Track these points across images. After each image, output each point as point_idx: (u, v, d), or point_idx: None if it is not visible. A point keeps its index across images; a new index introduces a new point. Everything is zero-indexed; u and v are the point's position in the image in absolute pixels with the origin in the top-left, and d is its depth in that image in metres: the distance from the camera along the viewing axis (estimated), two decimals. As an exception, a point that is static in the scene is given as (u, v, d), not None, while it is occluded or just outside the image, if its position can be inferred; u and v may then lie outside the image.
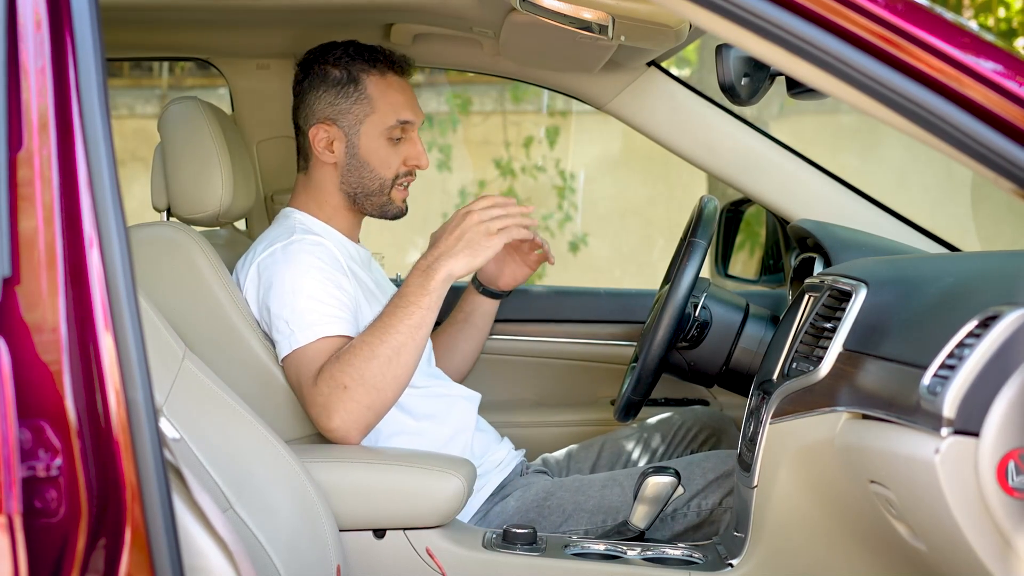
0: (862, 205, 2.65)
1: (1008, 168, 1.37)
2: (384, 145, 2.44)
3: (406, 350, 2.19)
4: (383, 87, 2.44)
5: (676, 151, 2.74)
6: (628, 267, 7.85)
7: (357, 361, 2.18)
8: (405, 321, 2.20)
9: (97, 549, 1.29)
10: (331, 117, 2.45)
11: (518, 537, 2.16)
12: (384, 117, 2.43)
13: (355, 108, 2.44)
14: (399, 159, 2.46)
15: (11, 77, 1.30)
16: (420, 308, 2.21)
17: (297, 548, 1.97)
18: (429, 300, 2.21)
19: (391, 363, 2.18)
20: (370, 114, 2.43)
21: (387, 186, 2.46)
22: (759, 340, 2.49)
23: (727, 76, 1.82)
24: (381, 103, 2.44)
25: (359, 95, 2.43)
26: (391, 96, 2.44)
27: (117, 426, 1.29)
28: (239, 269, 2.39)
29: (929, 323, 1.64)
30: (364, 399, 2.18)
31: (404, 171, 2.47)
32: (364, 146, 2.44)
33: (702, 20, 1.42)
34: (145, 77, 8.02)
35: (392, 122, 2.43)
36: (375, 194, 2.46)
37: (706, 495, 2.34)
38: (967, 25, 1.45)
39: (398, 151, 2.45)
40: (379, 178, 2.45)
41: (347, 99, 2.44)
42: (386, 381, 2.18)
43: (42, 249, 1.30)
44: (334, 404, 2.17)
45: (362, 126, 2.44)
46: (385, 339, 2.19)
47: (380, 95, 2.44)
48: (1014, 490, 1.40)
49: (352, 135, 2.44)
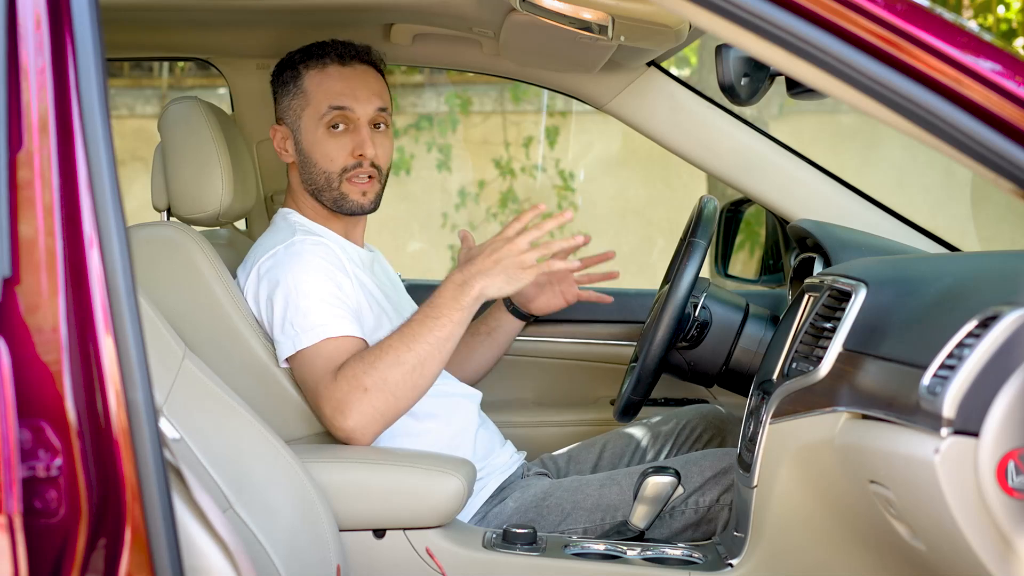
0: (862, 205, 2.64)
1: (1008, 168, 1.37)
2: (324, 137, 2.40)
3: (431, 361, 2.19)
4: (320, 78, 2.42)
5: (676, 151, 2.74)
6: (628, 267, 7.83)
7: (382, 366, 2.17)
8: (435, 332, 2.20)
9: (97, 549, 1.29)
10: (280, 116, 2.47)
11: (518, 537, 2.16)
12: (318, 106, 2.40)
13: (294, 103, 2.44)
14: (344, 151, 2.40)
15: (11, 77, 1.30)
16: (451, 322, 2.20)
17: (297, 548, 1.97)
18: (461, 316, 2.21)
19: (414, 372, 2.18)
20: (306, 107, 2.42)
21: (333, 180, 2.41)
22: (759, 340, 2.49)
23: (727, 76, 1.82)
24: (315, 93, 2.41)
25: (297, 90, 2.43)
26: (326, 85, 2.41)
27: (117, 426, 1.29)
28: (240, 273, 2.38)
29: (929, 323, 1.64)
30: (381, 404, 2.17)
31: (352, 163, 2.40)
32: (306, 141, 2.42)
33: (702, 20, 1.42)
34: (145, 77, 8.02)
35: (324, 109, 2.39)
36: (324, 189, 2.42)
37: (703, 492, 2.34)
38: (967, 25, 1.45)
39: (341, 142, 2.40)
40: (323, 172, 2.41)
41: (288, 96, 2.45)
42: (406, 390, 2.18)
43: (42, 249, 1.30)
44: (351, 404, 2.17)
45: (300, 120, 2.43)
46: (413, 348, 2.18)
47: (315, 86, 2.41)
48: (1014, 490, 1.40)
49: (296, 131, 2.44)
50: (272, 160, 2.97)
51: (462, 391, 2.52)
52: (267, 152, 2.97)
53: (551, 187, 7.90)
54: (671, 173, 7.66)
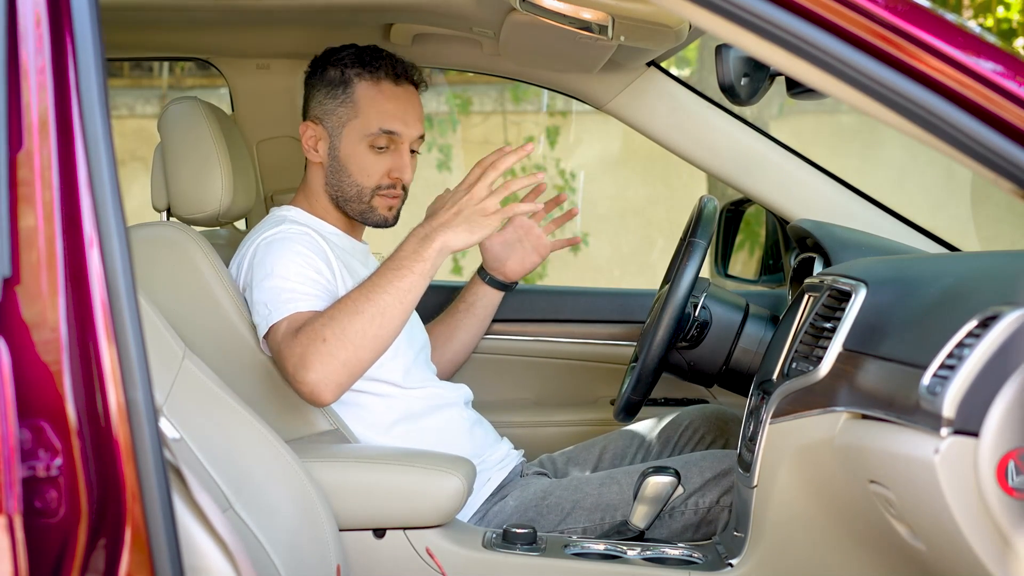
0: (862, 205, 2.64)
1: (1008, 168, 1.37)
2: (365, 152, 2.40)
3: (391, 311, 2.16)
4: (372, 93, 2.40)
5: (676, 151, 2.74)
6: (628, 267, 7.85)
7: (340, 316, 2.15)
8: (395, 283, 2.17)
9: (97, 549, 1.29)
10: (319, 116, 2.44)
11: (518, 537, 2.16)
12: (366, 123, 2.39)
13: (340, 110, 2.41)
14: (382, 169, 2.41)
15: (11, 77, 1.30)
16: (412, 273, 2.18)
17: (297, 548, 1.97)
18: (423, 267, 2.18)
19: (374, 321, 2.15)
20: (353, 119, 2.40)
21: (365, 194, 2.41)
22: (759, 340, 2.49)
23: (727, 76, 1.82)
24: (366, 109, 2.39)
25: (346, 98, 2.40)
26: (379, 104, 2.40)
27: (117, 426, 1.29)
28: (231, 268, 2.39)
29: (929, 323, 1.64)
30: (341, 354, 2.14)
31: (387, 183, 2.41)
32: (344, 150, 2.41)
33: (702, 20, 1.42)
34: (145, 77, 8.02)
35: (374, 130, 2.39)
36: (353, 200, 2.42)
37: (703, 493, 2.34)
38: (967, 25, 1.45)
39: (381, 160, 2.40)
40: (356, 185, 2.41)
41: (334, 100, 2.41)
42: (366, 339, 2.14)
43: (42, 249, 1.30)
44: (311, 356, 2.14)
45: (344, 129, 2.41)
46: (372, 298, 2.16)
47: (367, 101, 2.40)
48: (1014, 490, 1.40)
49: (335, 137, 2.41)
50: (272, 160, 2.97)
51: (454, 398, 2.50)
52: (267, 152, 2.97)
53: (551, 187, 7.90)
54: (671, 173, 7.66)
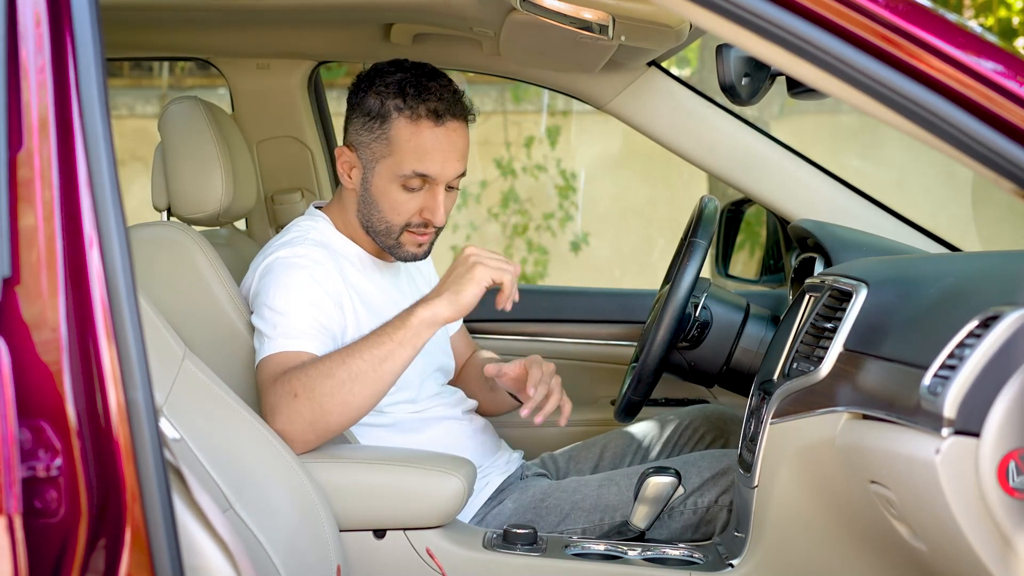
0: (862, 205, 2.64)
1: (1008, 168, 1.37)
2: (396, 190, 2.29)
3: (364, 379, 2.11)
4: (409, 133, 2.27)
5: (676, 151, 2.74)
6: (628, 267, 7.85)
7: (314, 374, 2.11)
8: (372, 350, 2.12)
9: (97, 549, 1.29)
10: (354, 144, 2.33)
11: (518, 537, 2.16)
12: (400, 164, 2.28)
13: (375, 145, 2.30)
14: (414, 207, 2.31)
15: (11, 77, 1.30)
16: (391, 341, 2.12)
17: (297, 548, 1.97)
18: (403, 335, 2.12)
19: (343, 387, 2.10)
20: (387, 156, 2.29)
21: (394, 231, 2.33)
22: (760, 340, 2.49)
23: (727, 76, 1.82)
24: (401, 149, 2.27)
25: (382, 133, 2.28)
26: (414, 144, 2.27)
27: (117, 426, 1.29)
28: (250, 268, 2.36)
29: (930, 323, 1.64)
30: (308, 414, 2.10)
31: (419, 221, 2.32)
32: (376, 185, 2.32)
33: (702, 20, 1.42)
34: (145, 77, 8.02)
35: (407, 172, 2.27)
36: (382, 234, 2.34)
37: (702, 493, 2.34)
38: (968, 25, 1.45)
39: (413, 200, 2.30)
40: (386, 221, 2.33)
41: (370, 133, 2.30)
42: (333, 403, 2.10)
43: (42, 249, 1.30)
44: (281, 408, 2.11)
45: (377, 165, 2.30)
46: (346, 362, 2.11)
47: (404, 140, 2.27)
48: (1014, 490, 1.40)
49: (368, 170, 2.32)
50: (272, 160, 2.97)
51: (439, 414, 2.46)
52: (267, 152, 2.97)
53: (552, 187, 7.90)
54: (672, 173, 7.66)
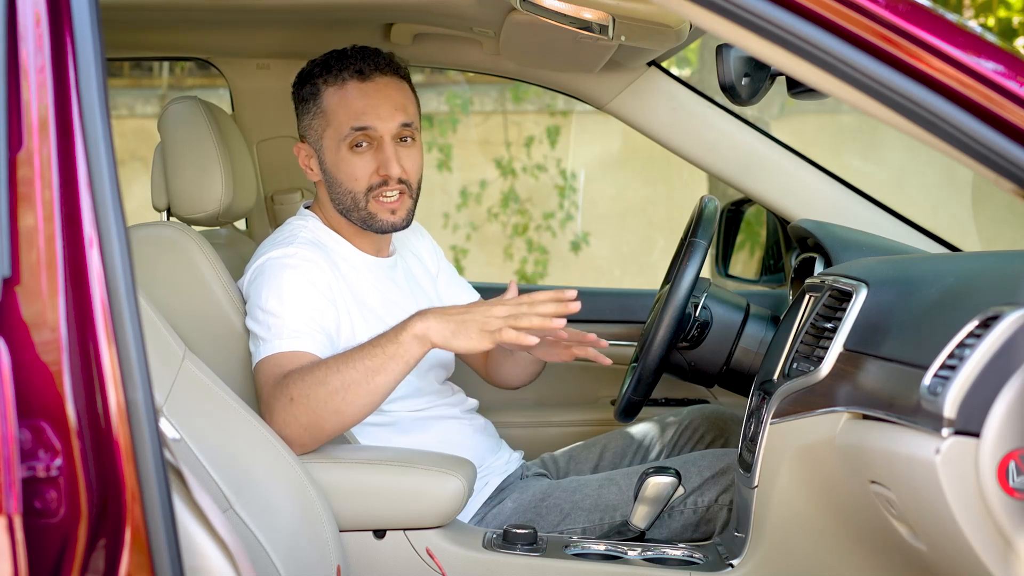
0: (862, 205, 2.65)
1: (1008, 168, 1.37)
2: (347, 157, 2.32)
3: (356, 389, 2.11)
4: (339, 96, 2.33)
5: (676, 151, 2.74)
6: (628, 267, 7.85)
7: (310, 379, 2.12)
8: (364, 361, 2.12)
9: (97, 549, 1.29)
10: (303, 135, 2.40)
11: (518, 537, 2.16)
12: (339, 128, 2.32)
13: (315, 123, 2.36)
14: (369, 168, 2.32)
15: (11, 77, 1.30)
16: (383, 354, 2.12)
17: (297, 548, 1.97)
18: (395, 349, 2.12)
19: (336, 395, 2.11)
20: (327, 127, 2.34)
21: (360, 200, 2.34)
22: (760, 340, 2.49)
23: (727, 76, 1.82)
24: (335, 113, 2.32)
25: (317, 109, 2.35)
26: (346, 104, 2.32)
27: (117, 426, 1.29)
28: (245, 272, 2.36)
29: (930, 323, 1.64)
30: (303, 418, 2.11)
31: (377, 181, 2.33)
32: (329, 161, 2.35)
33: (702, 20, 1.42)
34: (145, 77, 8.02)
35: (346, 132, 2.31)
36: (352, 209, 2.36)
37: (702, 492, 2.34)
38: (968, 25, 1.45)
39: (365, 161, 2.32)
40: (349, 192, 2.34)
41: (308, 115, 2.37)
42: (327, 410, 2.11)
43: (42, 249, 1.30)
44: (277, 411, 2.12)
45: (323, 141, 2.35)
46: (340, 370, 2.12)
47: (335, 105, 2.33)
48: (1014, 490, 1.40)
49: (319, 151, 2.37)
50: (272, 160, 2.97)
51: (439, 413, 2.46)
52: (267, 152, 2.97)
53: (552, 187, 7.90)
54: (672, 173, 7.66)
